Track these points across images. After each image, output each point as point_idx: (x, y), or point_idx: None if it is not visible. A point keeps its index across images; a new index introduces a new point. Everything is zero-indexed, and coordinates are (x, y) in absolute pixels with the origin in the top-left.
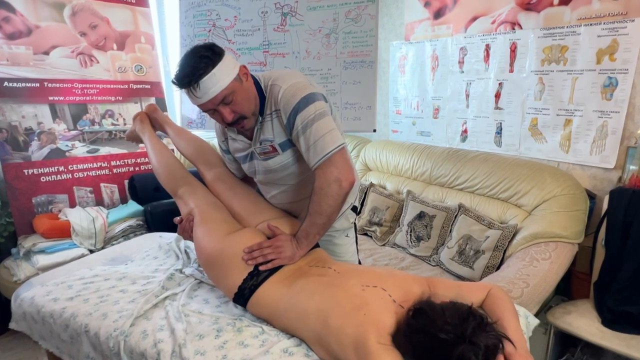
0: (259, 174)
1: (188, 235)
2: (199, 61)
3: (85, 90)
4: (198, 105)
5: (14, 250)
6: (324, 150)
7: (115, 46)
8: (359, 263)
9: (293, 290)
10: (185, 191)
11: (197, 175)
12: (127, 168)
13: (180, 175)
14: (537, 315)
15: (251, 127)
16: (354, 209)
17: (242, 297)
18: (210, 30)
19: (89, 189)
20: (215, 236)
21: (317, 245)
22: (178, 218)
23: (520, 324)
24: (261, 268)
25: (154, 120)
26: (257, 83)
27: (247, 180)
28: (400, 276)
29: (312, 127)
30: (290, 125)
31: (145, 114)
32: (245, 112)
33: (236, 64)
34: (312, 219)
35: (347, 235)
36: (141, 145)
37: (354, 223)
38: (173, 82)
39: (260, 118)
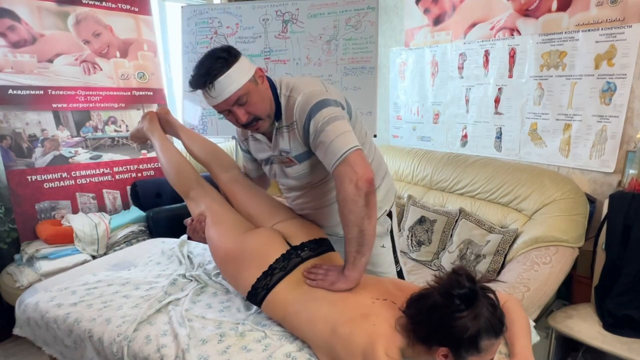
0: (278, 177)
1: (199, 236)
2: (215, 62)
3: (89, 97)
4: (213, 106)
5: (17, 257)
6: (338, 151)
7: (118, 54)
8: (400, 274)
9: (305, 295)
10: (197, 193)
11: (209, 180)
12: (129, 174)
13: (192, 177)
14: (538, 319)
15: (266, 129)
16: (389, 215)
17: (255, 296)
18: (212, 38)
19: (91, 195)
20: (231, 235)
21: (331, 249)
22: (188, 219)
23: None
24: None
25: (166, 122)
26: (273, 86)
27: (259, 182)
28: (412, 289)
29: (325, 131)
30: (307, 133)
31: (156, 114)
32: (260, 114)
33: (252, 66)
34: (346, 236)
35: (382, 246)
36: (143, 151)
37: (391, 232)
38: (189, 83)
39: (276, 123)
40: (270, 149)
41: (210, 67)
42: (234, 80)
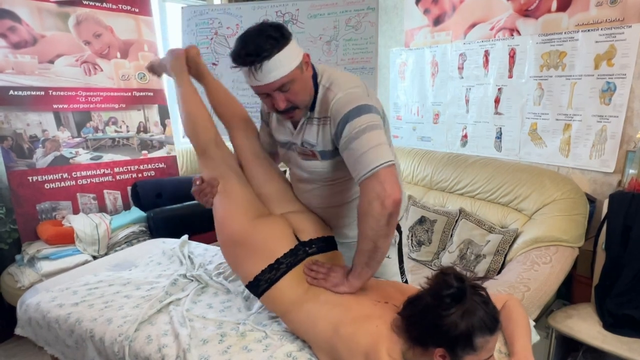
0: (292, 166)
1: (206, 199)
2: (265, 41)
3: (89, 98)
4: (252, 87)
5: (18, 257)
6: (370, 164)
7: (118, 54)
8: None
9: (307, 295)
10: (214, 154)
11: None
12: (130, 175)
13: (211, 135)
14: (538, 319)
15: (300, 118)
16: (398, 227)
17: (257, 287)
18: (212, 39)
19: (92, 195)
20: (241, 216)
21: (334, 248)
22: (198, 178)
23: None
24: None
25: (193, 64)
26: (314, 75)
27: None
28: (413, 291)
29: (360, 138)
30: (339, 133)
31: (185, 52)
32: (299, 103)
33: (300, 50)
34: (358, 246)
35: (388, 256)
36: (144, 152)
37: (398, 243)
38: (232, 57)
39: (308, 113)
40: (292, 135)
41: (259, 46)
42: (282, 64)
